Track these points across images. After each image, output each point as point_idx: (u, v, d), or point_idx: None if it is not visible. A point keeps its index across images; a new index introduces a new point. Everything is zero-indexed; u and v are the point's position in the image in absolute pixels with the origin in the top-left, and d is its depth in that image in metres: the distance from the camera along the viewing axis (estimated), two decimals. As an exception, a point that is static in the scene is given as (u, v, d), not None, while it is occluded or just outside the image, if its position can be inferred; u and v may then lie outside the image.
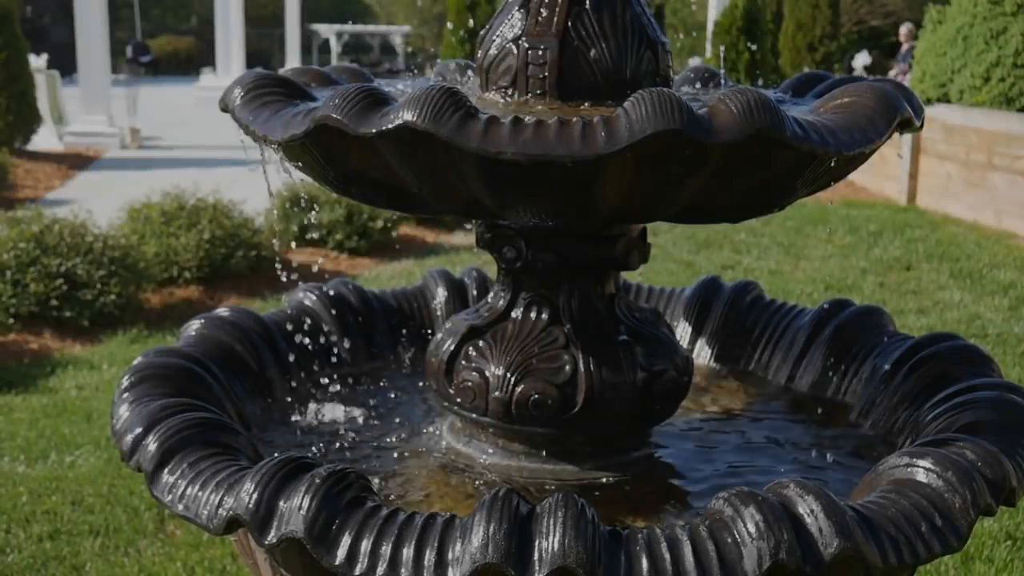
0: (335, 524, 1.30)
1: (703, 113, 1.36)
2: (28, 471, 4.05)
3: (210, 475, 1.44)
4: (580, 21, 1.65)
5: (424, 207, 1.56)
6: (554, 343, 1.73)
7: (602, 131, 1.33)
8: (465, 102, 1.36)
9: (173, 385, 1.75)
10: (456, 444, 1.84)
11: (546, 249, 1.71)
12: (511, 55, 1.68)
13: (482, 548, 1.23)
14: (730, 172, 1.43)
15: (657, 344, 1.78)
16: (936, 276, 7.40)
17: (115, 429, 1.65)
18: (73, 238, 6.08)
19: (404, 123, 1.35)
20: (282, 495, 1.34)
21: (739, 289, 2.32)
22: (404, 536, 1.29)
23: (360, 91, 1.41)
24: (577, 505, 1.27)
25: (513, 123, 1.34)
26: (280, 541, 1.32)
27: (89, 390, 5.05)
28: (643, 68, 1.68)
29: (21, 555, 3.38)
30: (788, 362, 2.18)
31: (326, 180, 1.58)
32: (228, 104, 1.61)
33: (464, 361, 1.76)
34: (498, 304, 1.81)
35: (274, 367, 2.05)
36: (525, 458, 1.76)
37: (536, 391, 1.69)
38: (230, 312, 2.06)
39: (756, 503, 1.28)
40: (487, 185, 1.42)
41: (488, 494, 1.29)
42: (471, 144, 1.33)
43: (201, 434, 1.52)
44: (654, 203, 1.47)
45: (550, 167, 1.35)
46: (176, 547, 3.46)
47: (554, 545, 1.23)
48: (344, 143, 1.45)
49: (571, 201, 1.44)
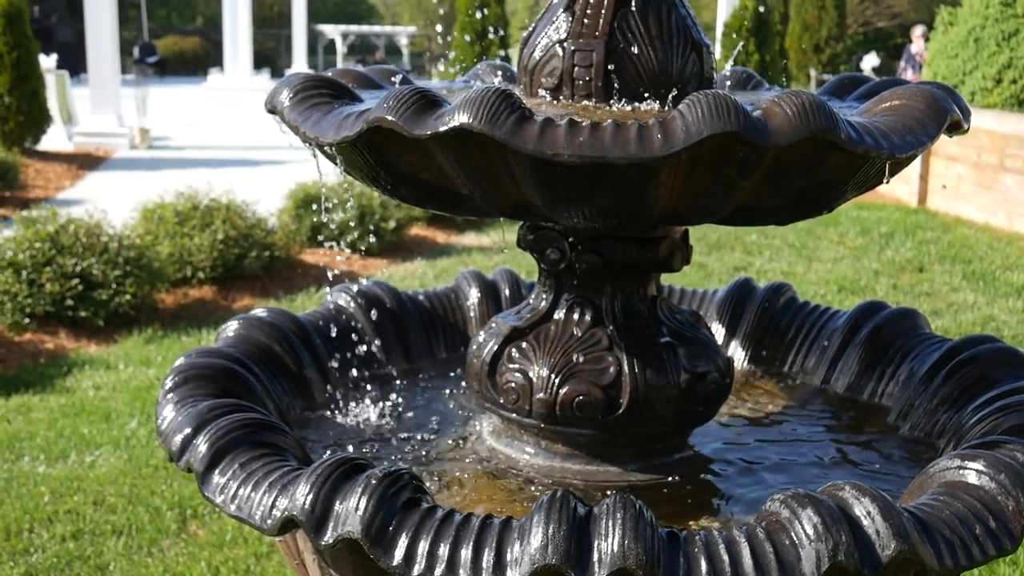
0: (392, 525, 1.31)
1: (758, 115, 1.36)
2: (49, 471, 4.05)
3: (262, 476, 1.45)
4: (626, 23, 1.65)
5: (473, 209, 1.56)
6: (597, 344, 1.74)
7: (658, 133, 1.33)
8: (520, 104, 1.37)
9: (217, 385, 1.75)
10: (497, 445, 1.84)
11: (590, 251, 1.72)
12: (556, 57, 1.68)
13: (541, 549, 1.24)
14: (782, 174, 1.44)
15: (699, 346, 1.78)
16: (949, 278, 7.39)
17: (161, 429, 1.66)
18: (89, 238, 6.09)
19: (460, 125, 1.35)
20: (338, 496, 1.34)
21: (772, 291, 2.33)
22: (462, 537, 1.29)
23: (414, 93, 1.41)
24: (635, 506, 1.27)
25: (569, 125, 1.34)
26: (336, 542, 1.32)
27: (106, 390, 5.06)
28: (688, 70, 1.68)
29: (45, 555, 3.39)
30: (823, 364, 2.18)
31: (375, 182, 1.58)
32: (276, 106, 1.61)
33: (507, 362, 1.77)
34: (540, 305, 1.82)
35: (312, 367, 2.05)
36: (567, 459, 1.76)
37: (580, 393, 1.69)
38: (268, 313, 2.07)
39: (814, 505, 1.28)
40: (540, 187, 1.43)
41: (545, 495, 1.30)
42: (527, 146, 1.33)
43: (251, 434, 1.53)
44: (706, 205, 1.47)
45: (605, 169, 1.36)
46: (199, 547, 3.46)
47: (613, 546, 1.23)
48: (396, 145, 1.45)
49: (623, 203, 1.45)
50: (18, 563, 3.34)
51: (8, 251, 5.94)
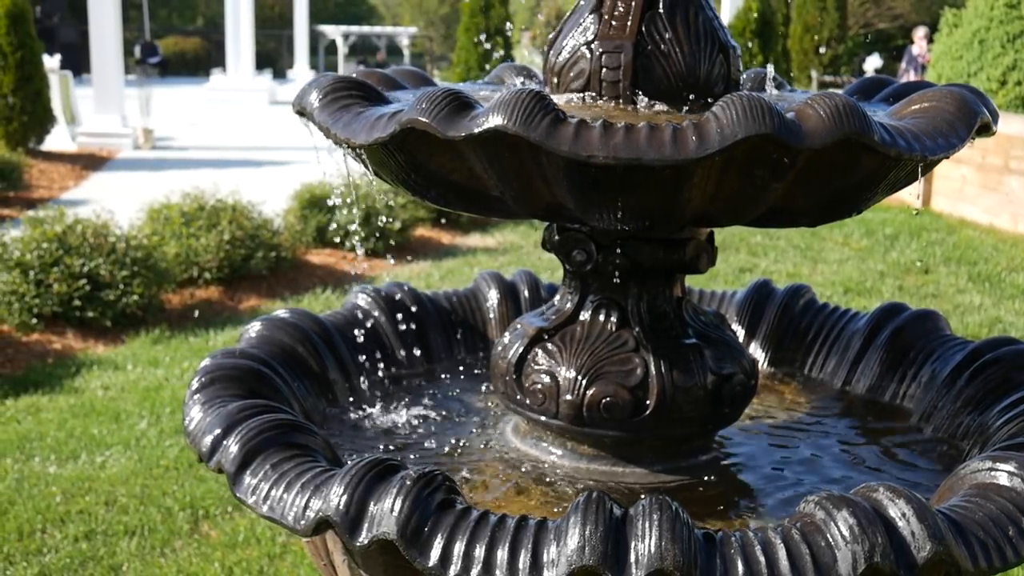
0: (427, 526, 1.31)
1: (792, 117, 1.36)
2: (60, 471, 4.05)
3: (294, 477, 1.45)
4: (654, 25, 1.66)
5: (503, 210, 1.56)
6: (624, 346, 1.74)
7: (693, 135, 1.33)
8: (554, 106, 1.37)
9: (243, 386, 1.75)
10: (522, 446, 1.85)
11: (617, 252, 1.72)
12: (584, 59, 1.68)
13: (578, 550, 1.24)
14: (814, 176, 1.44)
15: (725, 347, 1.79)
16: (955, 280, 7.40)
17: (189, 430, 1.66)
18: (96, 238, 6.09)
19: (494, 126, 1.36)
20: (372, 497, 1.35)
21: (792, 293, 2.33)
22: (497, 538, 1.29)
23: (447, 94, 1.41)
24: (671, 508, 1.27)
25: (604, 127, 1.34)
26: (371, 543, 1.32)
27: (115, 390, 5.06)
28: (715, 72, 1.68)
29: (58, 555, 3.39)
30: (844, 366, 2.18)
31: (405, 183, 1.59)
32: (305, 107, 1.61)
33: (533, 364, 1.77)
34: (565, 307, 1.82)
35: (334, 368, 2.05)
36: (593, 461, 1.77)
37: (608, 394, 1.69)
38: (290, 314, 2.07)
39: (849, 506, 1.28)
40: (572, 188, 1.43)
41: (580, 497, 1.30)
42: (562, 148, 1.34)
43: (281, 435, 1.53)
44: (738, 207, 1.47)
45: (639, 171, 1.36)
46: (212, 548, 3.46)
47: (650, 547, 1.23)
48: (428, 146, 1.46)
49: (656, 204, 1.45)
50: (31, 563, 3.34)
51: (16, 251, 5.94)
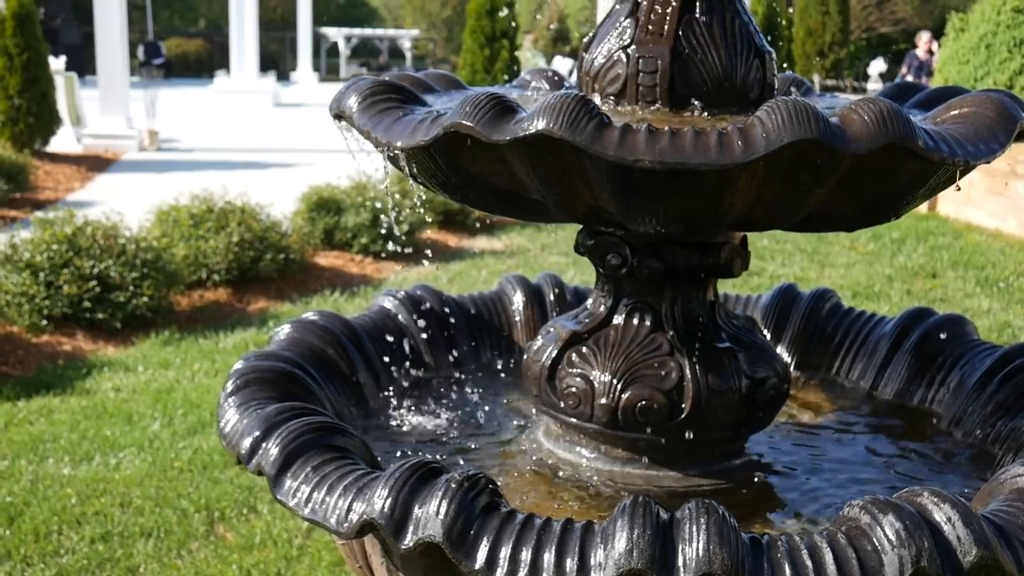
0: (473, 529, 1.31)
1: (836, 122, 1.37)
2: (74, 473, 4.05)
3: (336, 479, 1.45)
4: (690, 30, 1.66)
5: (543, 214, 1.57)
6: (658, 350, 1.74)
7: (738, 139, 1.34)
8: (599, 110, 1.37)
9: (277, 388, 1.76)
10: (555, 449, 1.85)
11: (652, 256, 1.72)
12: (620, 63, 1.69)
13: (626, 554, 1.24)
14: (856, 181, 1.44)
15: (758, 351, 1.79)
16: (963, 284, 7.40)
17: (225, 432, 1.66)
18: (106, 240, 6.09)
19: (539, 130, 1.36)
20: (416, 500, 1.35)
21: (817, 297, 2.33)
22: (544, 541, 1.29)
23: (490, 98, 1.42)
24: (718, 512, 1.27)
25: (649, 131, 1.35)
26: (416, 545, 1.32)
27: (126, 392, 5.06)
28: (751, 76, 1.69)
29: (75, 556, 3.39)
30: (871, 370, 2.19)
31: (444, 186, 1.59)
32: (344, 111, 1.62)
33: (567, 367, 1.77)
34: (598, 310, 1.82)
35: (364, 370, 2.06)
36: (627, 464, 1.77)
37: (643, 397, 1.70)
38: (319, 316, 2.07)
39: (895, 511, 1.29)
40: (615, 192, 1.43)
41: (626, 500, 1.30)
42: (607, 152, 1.34)
43: (320, 437, 1.53)
44: (779, 211, 1.48)
45: (683, 175, 1.36)
46: (229, 550, 3.46)
47: (698, 551, 1.24)
48: (470, 150, 1.46)
49: (698, 209, 1.45)
50: (49, 565, 3.34)
51: (26, 252, 5.95)
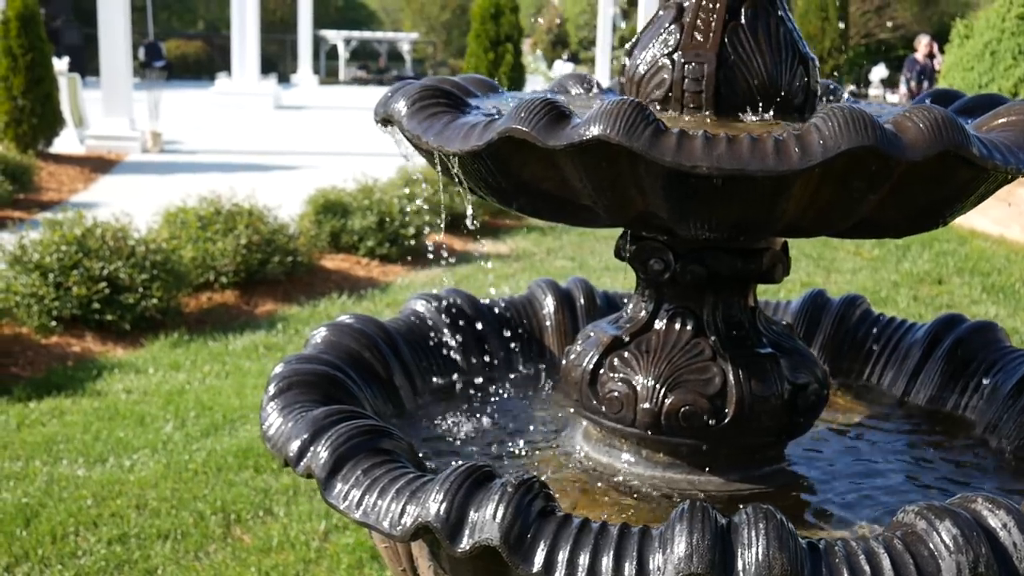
0: (530, 533, 1.32)
1: (891, 130, 1.37)
2: (88, 474, 4.05)
3: (387, 482, 1.45)
4: (736, 36, 1.67)
5: (591, 219, 1.57)
6: (700, 355, 1.75)
7: (796, 146, 1.34)
8: (655, 116, 1.38)
9: (319, 391, 1.76)
10: (594, 453, 1.85)
11: (695, 262, 1.73)
12: (665, 69, 1.69)
13: (686, 558, 1.24)
14: (908, 188, 1.45)
15: (799, 357, 1.79)
16: (968, 290, 7.42)
17: (269, 435, 1.66)
18: (115, 242, 6.09)
19: (596, 136, 1.36)
20: (472, 504, 1.35)
21: (847, 303, 2.34)
22: (601, 546, 1.30)
23: (545, 104, 1.42)
24: (776, 517, 1.28)
25: (706, 138, 1.35)
26: (473, 549, 1.33)
27: (137, 394, 5.06)
28: (795, 83, 1.69)
29: (93, 558, 3.39)
30: (903, 376, 2.19)
31: (493, 191, 1.59)
32: (392, 115, 1.62)
33: (609, 372, 1.77)
34: (639, 315, 1.83)
35: (400, 374, 2.06)
36: (669, 469, 1.77)
37: (687, 403, 1.70)
38: (355, 319, 2.07)
39: (951, 517, 1.29)
40: (669, 198, 1.44)
41: (683, 505, 1.31)
42: (665, 157, 1.35)
43: (369, 440, 1.53)
44: (830, 218, 1.48)
45: (739, 181, 1.37)
46: (247, 552, 3.46)
47: (758, 555, 1.24)
48: (522, 155, 1.46)
49: (751, 215, 1.46)
50: (67, 566, 3.34)
51: (35, 254, 5.94)
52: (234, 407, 4.84)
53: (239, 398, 4.98)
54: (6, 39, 11.17)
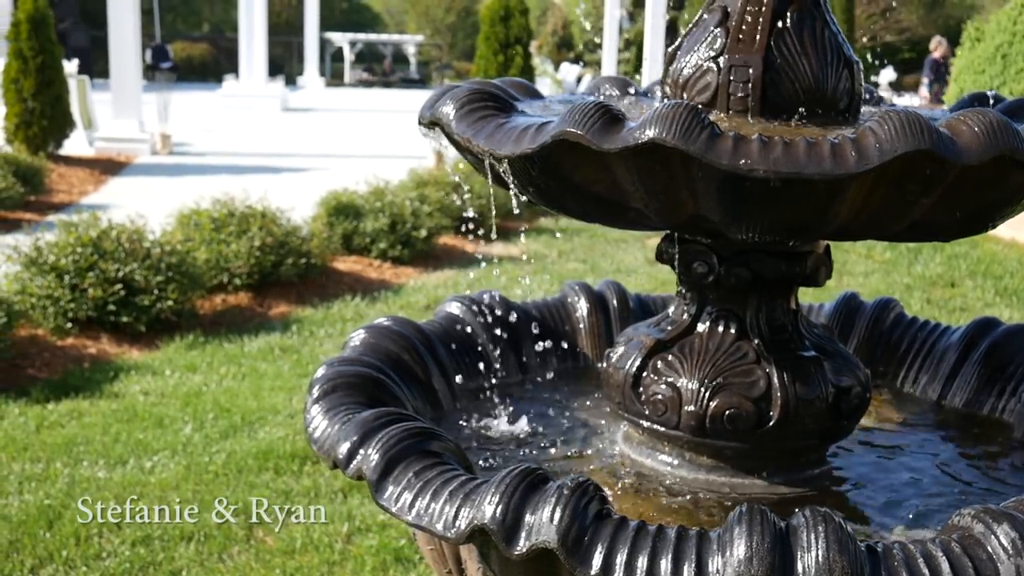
0: (587, 535, 1.32)
1: (947, 133, 1.38)
2: (109, 476, 4.06)
3: (440, 485, 1.46)
4: (782, 39, 1.67)
5: (639, 222, 1.57)
6: (744, 358, 1.75)
7: (852, 150, 1.35)
8: (710, 120, 1.38)
9: (364, 394, 1.77)
10: (637, 456, 1.85)
11: (739, 265, 1.73)
12: (711, 72, 1.69)
13: (746, 561, 1.25)
14: (961, 192, 1.45)
15: (842, 360, 1.80)
16: (981, 293, 7.41)
17: (315, 437, 1.67)
18: (131, 244, 6.10)
19: (651, 139, 1.37)
20: (528, 506, 1.36)
21: (881, 306, 2.34)
22: (660, 548, 1.30)
23: (598, 107, 1.43)
24: (835, 520, 1.28)
25: (762, 141, 1.36)
26: (530, 551, 1.33)
27: (155, 395, 5.06)
28: (841, 86, 1.70)
29: (118, 560, 3.39)
30: (938, 380, 2.19)
31: (542, 194, 1.59)
32: (440, 118, 1.62)
33: (652, 374, 1.78)
34: (681, 318, 1.83)
35: (438, 375, 2.06)
36: (712, 472, 1.78)
37: (732, 405, 1.70)
38: (393, 321, 2.08)
39: (1009, 520, 1.30)
40: (722, 201, 1.44)
41: (741, 507, 1.31)
42: (721, 161, 1.35)
43: (419, 443, 1.54)
44: (882, 221, 1.49)
45: (793, 185, 1.37)
46: (271, 554, 3.47)
47: (818, 558, 1.24)
48: (575, 158, 1.47)
49: (804, 218, 1.46)
50: (92, 568, 3.35)
51: (51, 255, 5.95)
52: (252, 409, 4.85)
53: (256, 400, 4.99)
54: (17, 41, 11.20)
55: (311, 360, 5.66)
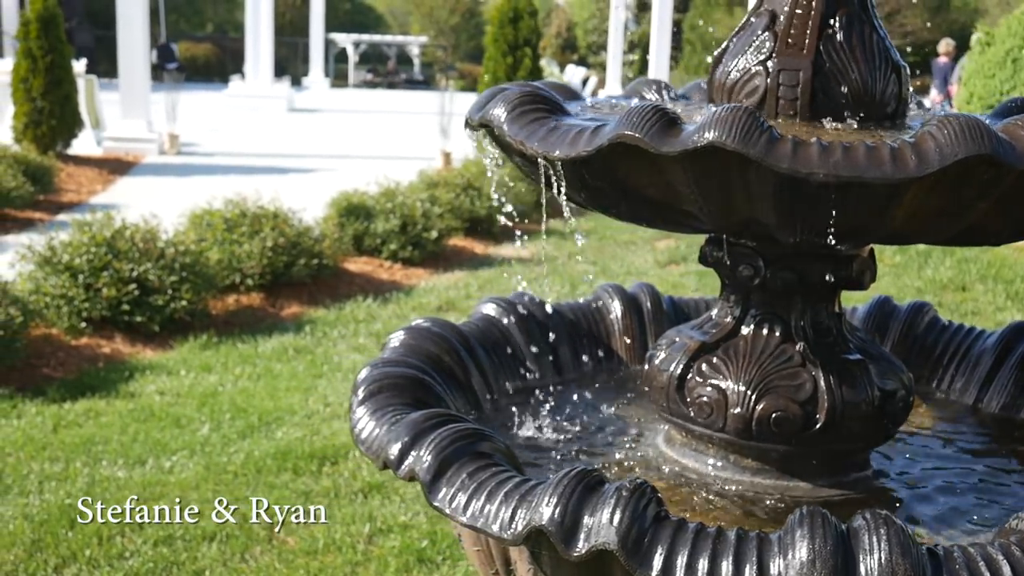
0: (647, 537, 1.32)
1: (1005, 138, 1.38)
2: (129, 476, 4.06)
3: (494, 486, 1.46)
4: (831, 44, 1.68)
5: (690, 224, 1.58)
6: (790, 360, 1.75)
7: (912, 154, 1.35)
8: (768, 124, 1.38)
9: (410, 395, 1.77)
10: (679, 458, 1.86)
11: (786, 268, 1.73)
12: (759, 76, 1.70)
13: (809, 564, 1.25)
14: (1015, 197, 1.45)
15: (887, 363, 1.80)
16: (993, 297, 7.41)
17: (362, 438, 1.67)
18: (145, 243, 6.10)
19: (711, 142, 1.37)
20: (586, 508, 1.36)
21: (915, 309, 2.35)
22: (720, 551, 1.30)
23: (655, 110, 1.43)
24: (896, 523, 1.28)
25: (822, 145, 1.36)
26: (589, 552, 1.33)
27: (171, 395, 5.07)
28: (889, 91, 1.70)
29: (141, 560, 3.39)
30: (974, 384, 2.20)
31: (594, 197, 1.60)
32: (491, 120, 1.63)
33: (698, 377, 1.78)
34: (725, 320, 1.83)
35: (477, 377, 2.07)
36: (757, 474, 1.78)
37: (778, 408, 1.71)
38: (431, 323, 2.08)
39: (1069, 524, 1.30)
40: (778, 205, 1.44)
41: (801, 510, 1.31)
42: (781, 164, 1.35)
43: (471, 444, 1.54)
44: (936, 225, 1.49)
45: (852, 189, 1.37)
46: (293, 554, 3.47)
47: (880, 561, 1.25)
48: (630, 160, 1.47)
49: (859, 222, 1.46)
50: (116, 568, 3.35)
51: (65, 255, 5.96)
52: (268, 409, 4.85)
53: (272, 400, 4.99)
54: (26, 41, 11.20)
55: (325, 361, 5.67)
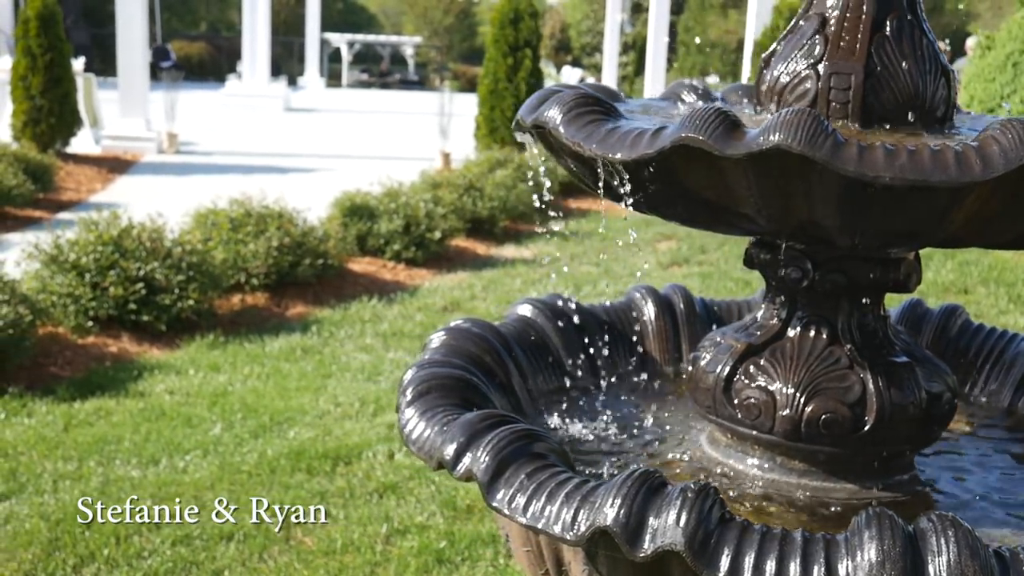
0: (714, 538, 1.33)
1: (1068, 142, 1.39)
2: (143, 475, 4.05)
3: (554, 487, 1.46)
4: (882, 47, 1.68)
5: (747, 227, 1.58)
6: (837, 363, 1.76)
7: (977, 157, 1.36)
8: (832, 127, 1.39)
9: (458, 395, 1.77)
10: (724, 459, 1.86)
11: (834, 270, 1.74)
12: (809, 79, 1.71)
13: (878, 565, 1.26)
14: (1073, 201, 1.46)
15: (932, 366, 1.81)
16: (995, 300, 7.44)
17: (413, 438, 1.67)
18: (152, 243, 6.09)
19: (777, 145, 1.38)
20: (651, 509, 1.36)
21: (948, 312, 2.36)
22: (787, 552, 1.31)
23: (717, 112, 1.43)
24: (963, 525, 1.29)
25: (886, 149, 1.37)
26: (655, 553, 1.34)
27: (181, 395, 5.06)
28: (938, 94, 1.71)
29: (160, 559, 3.39)
30: (1008, 387, 2.21)
31: (649, 199, 1.60)
32: (545, 122, 1.63)
33: (745, 379, 1.79)
34: (771, 322, 1.84)
35: (516, 377, 2.07)
36: (804, 476, 1.78)
37: (828, 410, 1.71)
38: (471, 324, 2.08)
39: None
40: (840, 208, 1.45)
41: (868, 511, 1.32)
42: (847, 168, 1.36)
43: (527, 444, 1.54)
44: (992, 230, 1.50)
45: (914, 192, 1.38)
46: (311, 555, 3.47)
47: (950, 563, 1.25)
48: (690, 163, 1.48)
49: (918, 226, 1.47)
50: (134, 568, 3.34)
51: (71, 254, 5.94)
52: (279, 409, 4.85)
53: (283, 400, 4.99)
54: (26, 39, 11.17)
55: (334, 361, 5.66)
